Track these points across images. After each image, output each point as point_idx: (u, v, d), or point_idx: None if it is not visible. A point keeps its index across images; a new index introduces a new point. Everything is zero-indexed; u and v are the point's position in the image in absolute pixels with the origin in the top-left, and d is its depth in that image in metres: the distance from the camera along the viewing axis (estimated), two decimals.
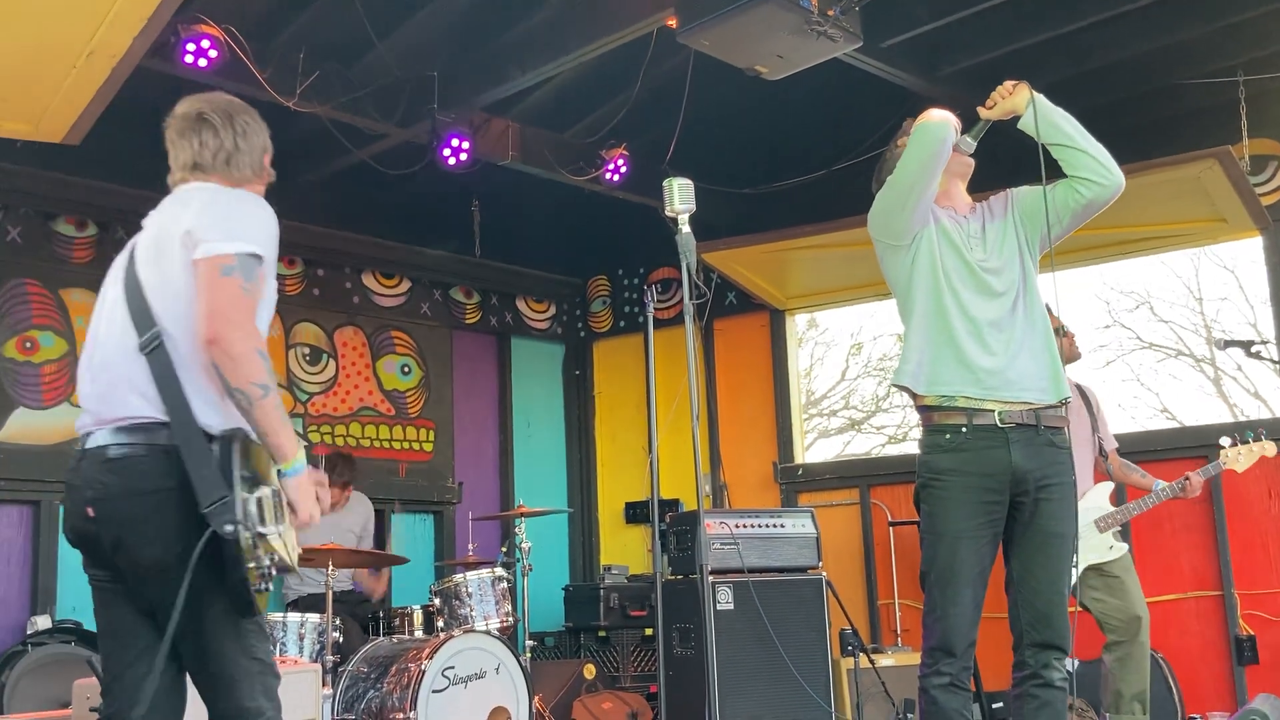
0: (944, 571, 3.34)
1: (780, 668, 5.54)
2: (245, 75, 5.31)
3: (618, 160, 6.73)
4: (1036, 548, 3.39)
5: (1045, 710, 3.35)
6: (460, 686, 5.21)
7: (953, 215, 3.54)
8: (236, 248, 2.63)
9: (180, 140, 2.88)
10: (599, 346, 8.93)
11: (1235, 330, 13.69)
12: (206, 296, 2.59)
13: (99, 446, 2.65)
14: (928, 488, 3.41)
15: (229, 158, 2.87)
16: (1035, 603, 3.37)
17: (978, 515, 3.35)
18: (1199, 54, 6.07)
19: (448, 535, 7.83)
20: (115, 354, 2.70)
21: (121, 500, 2.60)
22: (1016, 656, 3.41)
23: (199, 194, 2.81)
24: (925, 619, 3.39)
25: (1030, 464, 3.36)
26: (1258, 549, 6.18)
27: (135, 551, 2.61)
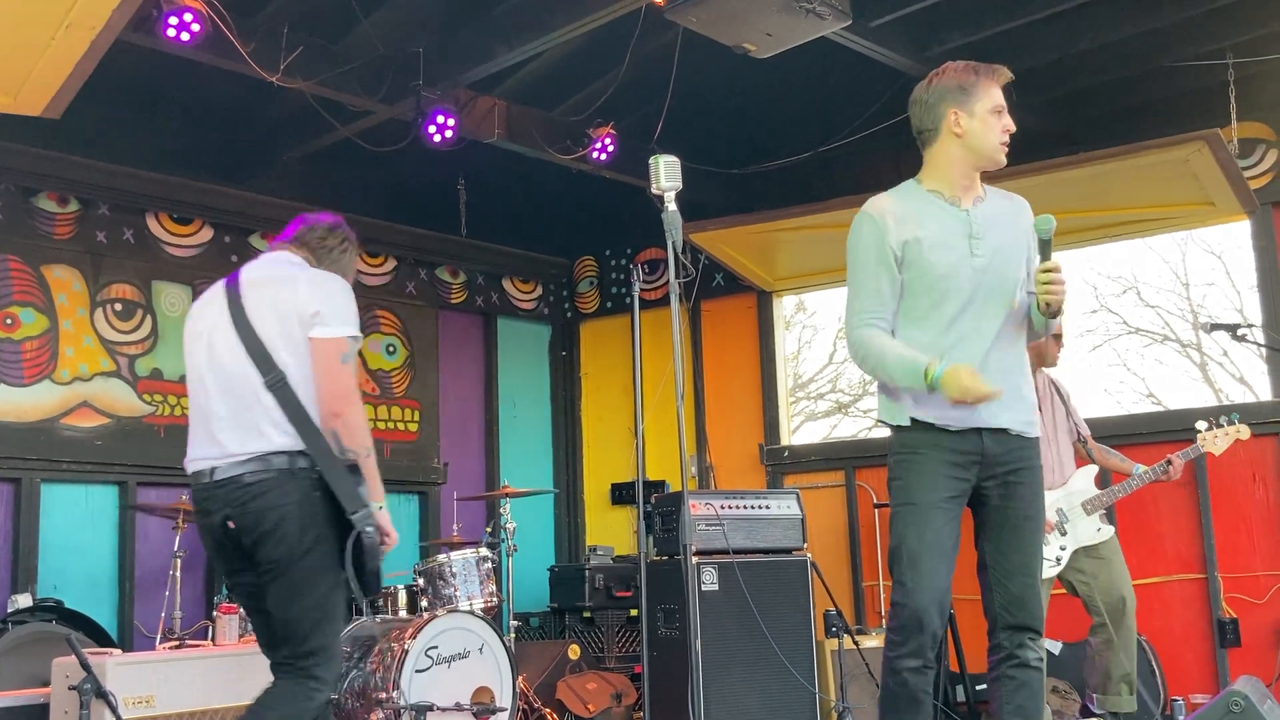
0: (917, 546, 3.30)
1: (765, 649, 5.53)
2: (228, 50, 5.26)
3: (605, 139, 6.68)
4: (1009, 531, 3.38)
5: (1022, 690, 3.34)
6: (444, 666, 5.20)
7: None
8: (349, 332, 3.35)
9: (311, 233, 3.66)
10: (586, 327, 8.90)
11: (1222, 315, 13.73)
12: (329, 376, 3.29)
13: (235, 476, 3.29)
14: (902, 461, 3.38)
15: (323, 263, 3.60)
16: (1009, 585, 3.36)
17: (949, 488, 3.33)
18: (1188, 37, 6.04)
19: (433, 515, 7.80)
20: (243, 391, 3.31)
21: (260, 514, 3.26)
22: (992, 640, 3.40)
23: (305, 272, 3.48)
24: (896, 595, 3.33)
25: (999, 449, 3.36)
26: (1241, 533, 6.20)
27: (263, 551, 3.26)
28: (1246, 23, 5.89)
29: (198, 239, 6.93)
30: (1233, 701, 3.84)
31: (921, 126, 3.46)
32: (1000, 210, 3.48)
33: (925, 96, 3.44)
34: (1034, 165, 5.76)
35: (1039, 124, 6.65)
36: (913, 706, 3.30)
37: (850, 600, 7.27)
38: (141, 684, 4.03)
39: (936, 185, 3.44)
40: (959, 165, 3.42)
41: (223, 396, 3.33)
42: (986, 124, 3.38)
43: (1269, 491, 6.14)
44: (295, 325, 3.31)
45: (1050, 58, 6.20)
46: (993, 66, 3.45)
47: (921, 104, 3.45)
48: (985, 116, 3.38)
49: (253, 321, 3.34)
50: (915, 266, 3.34)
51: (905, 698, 3.29)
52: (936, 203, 3.42)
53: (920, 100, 3.46)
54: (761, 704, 5.56)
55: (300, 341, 3.30)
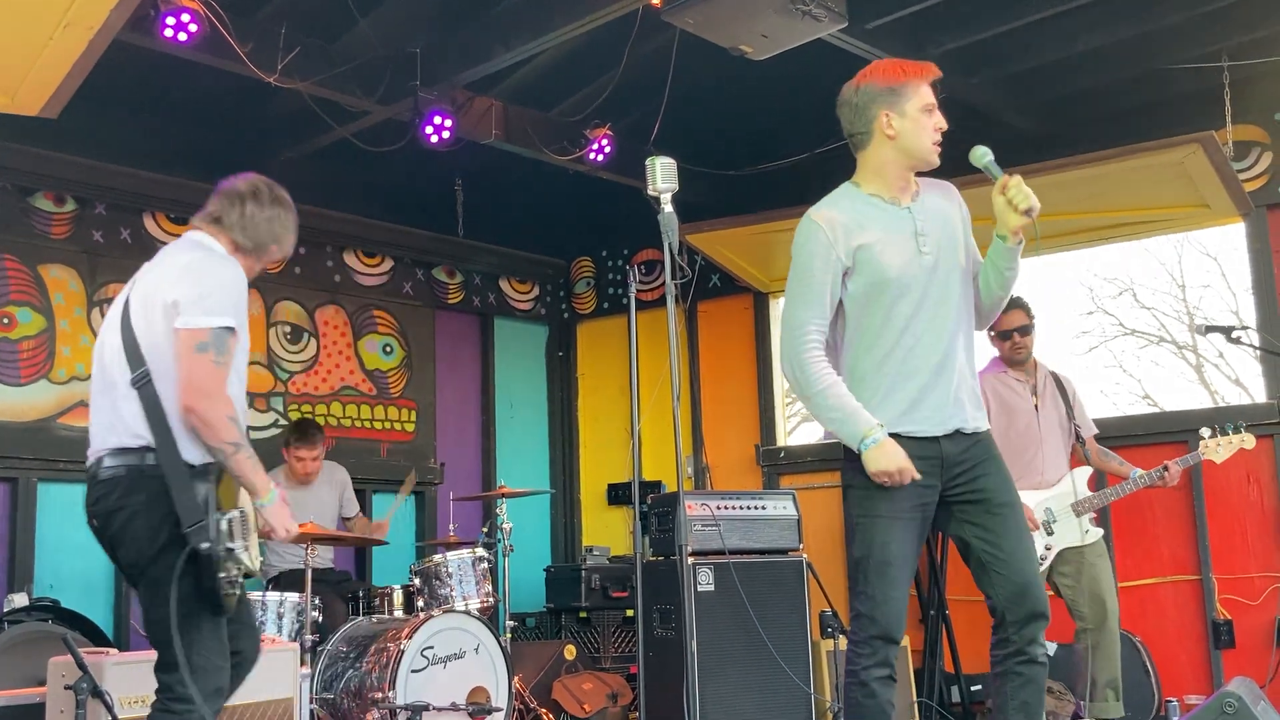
0: (883, 556, 3.27)
1: (760, 649, 5.54)
2: (226, 50, 5.26)
3: (602, 140, 6.69)
4: (992, 519, 3.34)
5: (1029, 687, 3.31)
6: (439, 666, 5.21)
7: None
8: (211, 323, 3.16)
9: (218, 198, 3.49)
10: (583, 328, 8.91)
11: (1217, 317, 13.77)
12: (184, 369, 3.14)
13: (95, 467, 3.25)
14: (862, 471, 3.31)
15: (236, 232, 3.43)
16: (1010, 575, 3.30)
17: (913, 497, 3.30)
18: (1184, 39, 6.06)
19: (429, 515, 7.81)
20: (109, 387, 3.25)
21: (109, 514, 3.20)
22: (999, 634, 3.34)
23: (184, 256, 3.32)
24: (860, 606, 3.29)
25: (956, 449, 3.35)
26: (1236, 534, 6.21)
27: (119, 554, 3.23)
28: (1242, 26, 5.90)
29: None
30: (1226, 703, 3.85)
31: (853, 129, 3.43)
32: (935, 201, 3.46)
33: (854, 99, 3.40)
34: (1029, 167, 5.74)
35: (1034, 126, 6.67)
36: (881, 718, 3.27)
37: (845, 601, 7.26)
38: (138, 684, 4.01)
39: (875, 189, 3.42)
40: (893, 167, 3.40)
41: (98, 395, 3.31)
42: (919, 124, 3.35)
43: (1264, 493, 6.15)
44: (160, 317, 3.20)
45: (1046, 60, 6.22)
46: (921, 64, 3.42)
47: (851, 106, 3.41)
48: (917, 116, 3.35)
49: (131, 316, 3.27)
50: (867, 272, 3.30)
51: (874, 709, 3.25)
52: (878, 205, 3.39)
53: (849, 103, 3.42)
54: (757, 704, 5.57)
55: (165, 334, 3.18)
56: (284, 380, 7.26)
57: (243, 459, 3.16)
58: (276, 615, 5.29)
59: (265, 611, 5.27)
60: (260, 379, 7.10)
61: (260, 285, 7.17)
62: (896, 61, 3.44)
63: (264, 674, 4.44)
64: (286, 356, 7.31)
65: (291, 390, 7.28)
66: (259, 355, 7.14)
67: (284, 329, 7.33)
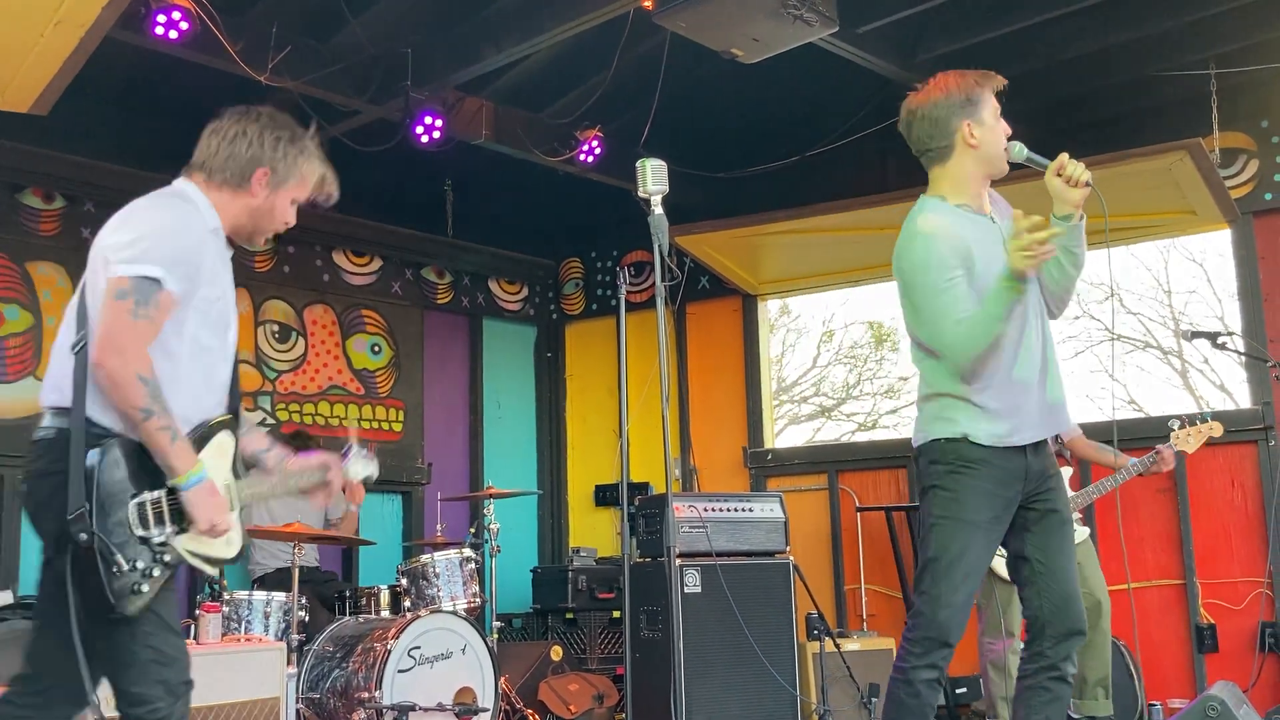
0: (955, 560, 3.25)
1: (747, 651, 5.55)
2: (216, 49, 5.26)
3: (592, 142, 6.70)
4: (1053, 534, 3.36)
5: (1056, 705, 3.31)
6: (426, 666, 5.20)
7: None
8: (133, 270, 2.70)
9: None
10: (571, 329, 8.92)
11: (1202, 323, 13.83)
12: (101, 319, 2.71)
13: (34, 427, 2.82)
14: (955, 473, 3.29)
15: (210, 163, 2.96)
16: (1057, 590, 3.31)
17: (997, 509, 3.30)
18: (1172, 47, 6.10)
19: (416, 515, 7.80)
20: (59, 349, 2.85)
21: (37, 478, 2.75)
22: (1034, 648, 3.34)
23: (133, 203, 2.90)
24: (922, 606, 3.28)
25: (1038, 462, 3.37)
26: (1220, 539, 6.25)
27: (35, 524, 2.77)
28: (1229, 35, 5.95)
29: None
30: (1209, 706, 3.88)
31: (931, 144, 3.38)
32: (1003, 213, 3.47)
33: (933, 113, 3.35)
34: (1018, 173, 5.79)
35: (1023, 131, 6.61)
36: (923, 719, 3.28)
37: (832, 603, 7.30)
38: None
39: (963, 200, 3.38)
40: (976, 177, 3.39)
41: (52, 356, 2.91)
42: (996, 131, 3.36)
43: (1248, 498, 6.19)
44: (100, 272, 2.78)
45: (1036, 66, 6.24)
46: (988, 73, 3.41)
47: (930, 120, 3.36)
48: (993, 124, 3.36)
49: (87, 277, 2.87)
50: (976, 285, 3.25)
51: (916, 710, 3.25)
52: (969, 216, 3.37)
53: (928, 117, 3.36)
54: (743, 706, 5.59)
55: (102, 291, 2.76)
56: (272, 379, 7.25)
57: (152, 429, 2.64)
58: (263, 615, 5.28)
59: (251, 611, 5.26)
60: (248, 378, 7.08)
61: (249, 284, 7.16)
62: (965, 73, 3.40)
63: (250, 673, 4.46)
64: (274, 355, 7.30)
65: (279, 389, 7.27)
66: (247, 354, 7.13)
67: (272, 328, 7.32)
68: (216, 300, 2.85)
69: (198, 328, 2.82)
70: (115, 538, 2.63)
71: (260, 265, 7.27)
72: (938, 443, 3.34)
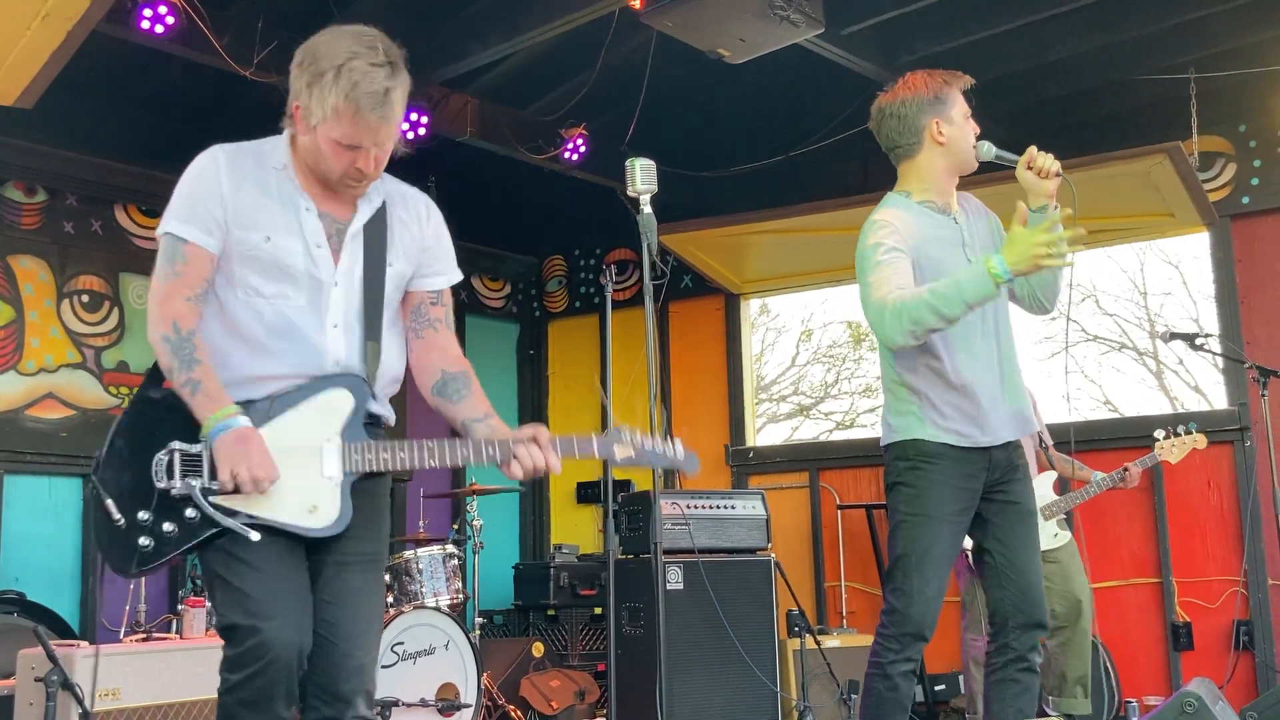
0: (924, 554, 3.31)
1: (728, 648, 5.58)
2: (202, 43, 5.25)
3: (577, 140, 6.72)
4: (1015, 526, 3.41)
5: (1026, 694, 3.37)
6: (409, 662, 5.21)
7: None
8: (160, 231, 2.64)
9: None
10: (554, 326, 8.93)
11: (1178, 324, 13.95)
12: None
13: None
14: (916, 469, 3.35)
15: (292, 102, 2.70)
16: (1020, 583, 3.37)
17: (961, 500, 3.36)
18: (1153, 51, 6.16)
19: (398, 511, 7.79)
20: None
21: None
22: (999, 641, 3.40)
23: None
24: (895, 602, 3.33)
25: (1004, 456, 3.42)
26: (1196, 538, 6.32)
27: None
28: (1209, 39, 6.01)
29: None
30: (1186, 702, 3.91)
31: (900, 140, 3.46)
32: (977, 222, 3.54)
33: (901, 110, 3.44)
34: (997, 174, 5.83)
35: (1003, 133, 6.73)
36: (900, 712, 3.34)
37: (812, 600, 7.34)
38: (109, 676, 4.02)
39: (926, 195, 3.46)
40: (943, 174, 3.46)
41: None
42: (964, 129, 3.44)
43: (1223, 498, 6.27)
44: None
45: (1017, 68, 6.30)
46: (955, 73, 3.49)
47: (898, 118, 3.44)
48: (962, 122, 3.44)
49: None
50: (930, 277, 3.30)
51: (894, 703, 3.31)
52: (930, 214, 3.44)
53: (896, 114, 3.45)
54: (724, 702, 5.62)
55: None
56: None
57: (177, 386, 2.55)
58: None
59: None
60: None
61: None
62: (934, 72, 3.49)
63: None
64: None
65: None
66: None
67: None
68: (262, 243, 2.62)
69: (249, 274, 2.63)
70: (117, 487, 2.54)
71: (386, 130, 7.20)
72: (896, 442, 3.40)
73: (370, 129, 2.58)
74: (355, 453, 2.63)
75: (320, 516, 2.60)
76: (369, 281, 2.72)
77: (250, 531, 2.52)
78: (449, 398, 2.85)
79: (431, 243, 2.89)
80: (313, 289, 2.66)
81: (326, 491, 2.60)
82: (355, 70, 2.59)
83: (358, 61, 2.62)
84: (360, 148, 2.61)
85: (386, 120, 2.61)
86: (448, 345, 2.91)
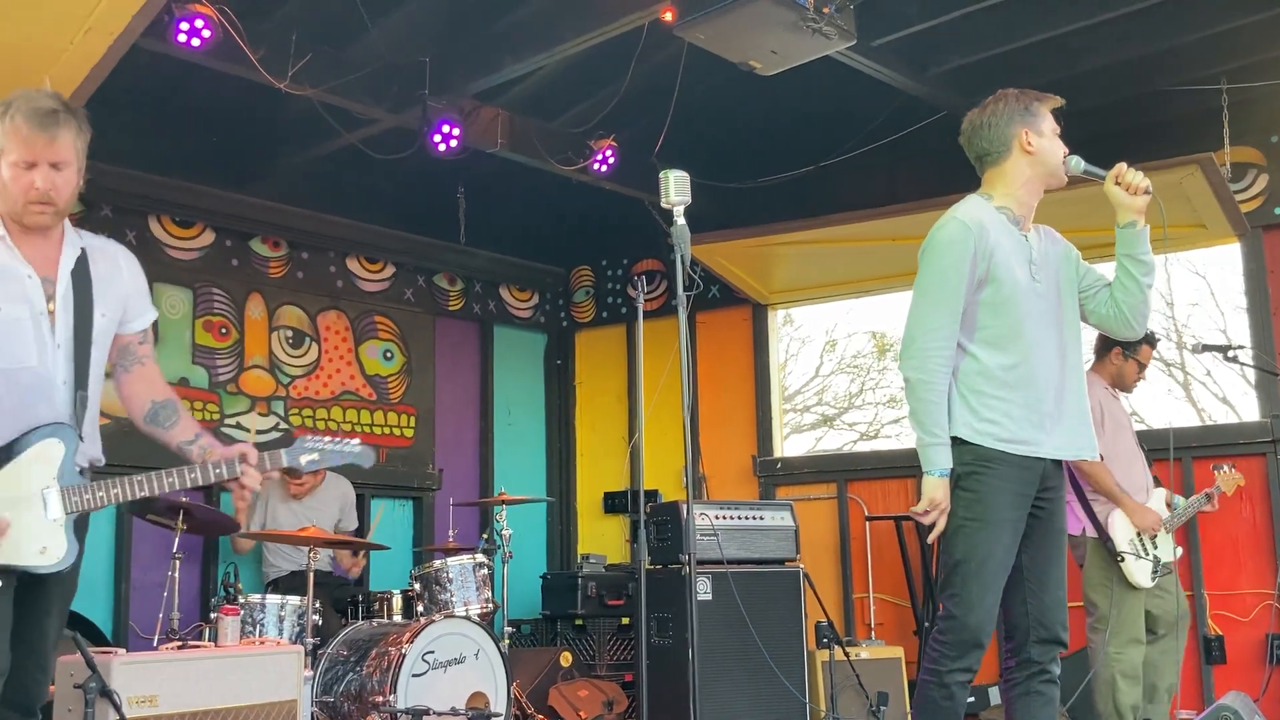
0: (984, 560, 3.31)
1: (756, 659, 5.58)
2: (238, 56, 5.30)
3: (606, 151, 6.74)
4: (1049, 543, 3.45)
5: (1050, 706, 3.39)
6: (440, 671, 5.23)
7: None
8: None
9: None
10: (581, 336, 8.96)
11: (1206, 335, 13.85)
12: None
13: None
14: (976, 473, 3.36)
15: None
16: (1044, 597, 3.40)
17: (1020, 506, 3.38)
18: (1184, 61, 6.14)
19: (426, 521, 7.84)
20: None
21: None
22: (1020, 655, 3.41)
23: None
24: (954, 609, 3.32)
25: (1054, 471, 3.47)
26: (1228, 551, 6.28)
27: None
28: (1241, 50, 5.99)
29: (199, 242, 6.97)
30: (1222, 716, 3.91)
31: (989, 148, 3.52)
32: (1051, 249, 3.57)
33: (991, 120, 3.51)
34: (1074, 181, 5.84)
35: None
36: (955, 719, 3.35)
37: (839, 612, 7.33)
38: (146, 683, 4.04)
39: (1005, 202, 3.50)
40: (1029, 182, 3.51)
41: None
42: (1053, 143, 3.52)
43: (1255, 510, 6.23)
44: None
45: (1047, 79, 6.24)
46: (1049, 95, 3.59)
47: (988, 126, 3.52)
48: (1052, 137, 3.52)
49: None
50: (1000, 280, 3.37)
51: (950, 712, 3.31)
52: (1004, 221, 3.48)
53: (986, 123, 3.52)
54: (752, 713, 5.62)
55: None
56: (285, 384, 7.29)
57: None
58: (277, 618, 5.31)
59: (266, 614, 5.29)
60: (262, 383, 7.13)
61: (263, 289, 7.23)
62: (1026, 90, 3.58)
63: (268, 676, 4.48)
64: (288, 361, 7.34)
65: (292, 394, 7.31)
66: (260, 359, 7.17)
67: (286, 333, 7.36)
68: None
69: None
70: None
71: (274, 271, 7.32)
72: (957, 441, 3.40)
73: (41, 144, 2.87)
74: (74, 494, 2.91)
75: (50, 555, 2.88)
76: (79, 334, 2.99)
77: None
78: (160, 424, 3.19)
79: (133, 290, 3.17)
80: (41, 351, 2.91)
81: (52, 532, 2.89)
82: (22, 99, 2.92)
83: (22, 93, 2.95)
84: (36, 165, 2.88)
85: (55, 139, 2.90)
86: (154, 377, 3.23)
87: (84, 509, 2.94)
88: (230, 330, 7.07)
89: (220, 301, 7.04)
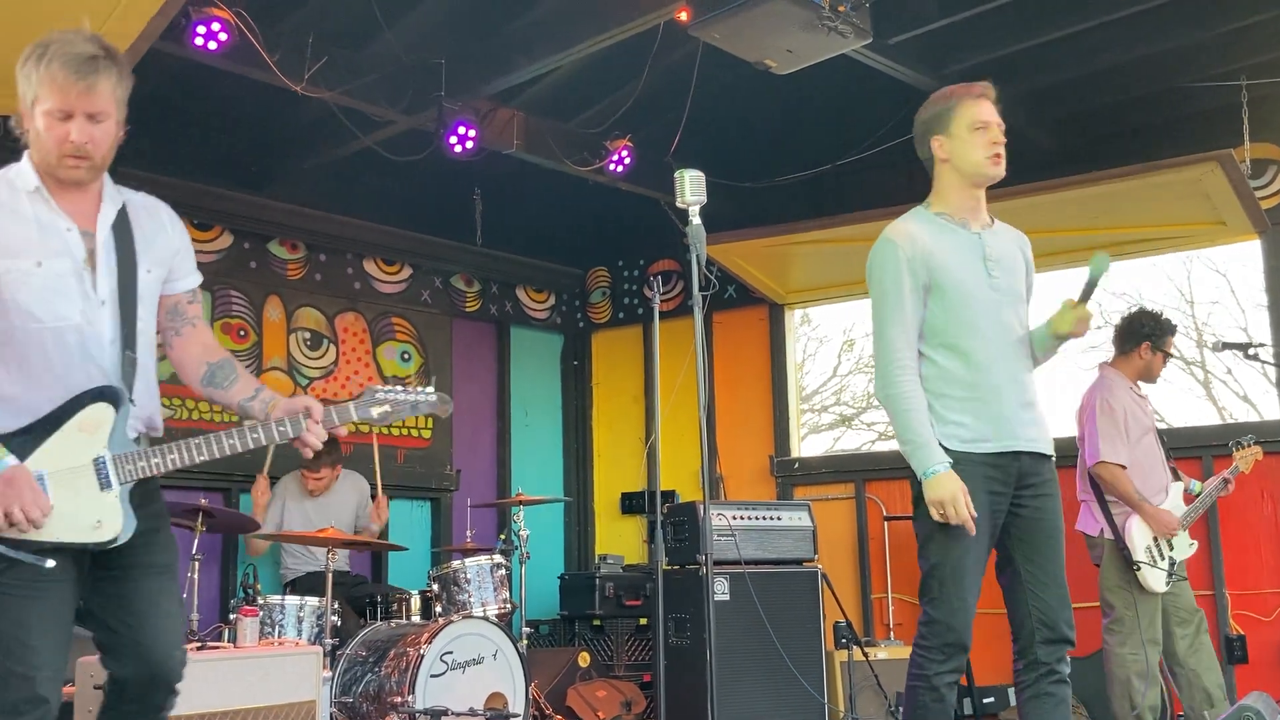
0: (959, 562, 3.33)
1: (775, 659, 5.57)
2: (254, 59, 5.32)
3: (622, 151, 6.74)
4: (1045, 542, 3.43)
5: (1061, 706, 3.39)
6: (458, 671, 5.24)
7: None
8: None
9: None
10: (598, 337, 8.96)
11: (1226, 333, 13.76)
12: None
13: None
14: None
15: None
16: (1048, 598, 3.39)
17: (993, 504, 3.38)
18: (1203, 58, 6.11)
19: (444, 522, 7.85)
20: None
21: None
22: (1027, 656, 3.41)
23: None
24: (935, 613, 3.35)
25: (1031, 467, 3.44)
26: (1250, 550, 6.24)
27: None
28: (1261, 46, 5.95)
29: (218, 245, 7.00)
30: (1244, 716, 3.88)
31: (921, 157, 3.61)
32: (1008, 242, 3.58)
33: (916, 130, 3.58)
34: (1048, 184, 5.81)
35: (1053, 142, 6.71)
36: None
37: (858, 612, 7.31)
38: None
39: (942, 208, 3.54)
40: (954, 189, 3.53)
41: None
42: (967, 141, 3.47)
43: (1278, 509, 6.18)
44: None
45: (1066, 77, 6.26)
46: (970, 85, 3.56)
47: (916, 137, 3.59)
48: (963, 135, 3.47)
49: None
50: (945, 288, 3.41)
51: (941, 713, 3.33)
52: (947, 226, 3.50)
53: (915, 134, 3.59)
54: (771, 714, 5.61)
55: None
56: (303, 386, 7.31)
57: None
58: (296, 619, 5.33)
59: (285, 614, 5.31)
60: (280, 385, 7.14)
61: (281, 292, 7.25)
62: (948, 88, 3.59)
63: (287, 676, 4.50)
64: (306, 362, 7.36)
65: (311, 396, 7.32)
66: (279, 361, 7.20)
67: (304, 335, 7.39)
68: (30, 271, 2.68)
69: (23, 302, 2.68)
70: None
71: (293, 273, 7.34)
72: None
73: (77, 93, 2.64)
74: (127, 462, 2.71)
75: (105, 530, 2.68)
76: (123, 290, 2.80)
77: (44, 560, 2.60)
78: (219, 385, 2.97)
79: (180, 245, 3.00)
80: (86, 307, 2.73)
81: (107, 505, 2.69)
82: (59, 42, 2.67)
83: (57, 36, 2.69)
84: (72, 116, 2.66)
85: (93, 88, 2.66)
86: (207, 338, 3.05)
87: (138, 476, 2.72)
88: (249, 332, 7.10)
89: (238, 304, 7.07)
